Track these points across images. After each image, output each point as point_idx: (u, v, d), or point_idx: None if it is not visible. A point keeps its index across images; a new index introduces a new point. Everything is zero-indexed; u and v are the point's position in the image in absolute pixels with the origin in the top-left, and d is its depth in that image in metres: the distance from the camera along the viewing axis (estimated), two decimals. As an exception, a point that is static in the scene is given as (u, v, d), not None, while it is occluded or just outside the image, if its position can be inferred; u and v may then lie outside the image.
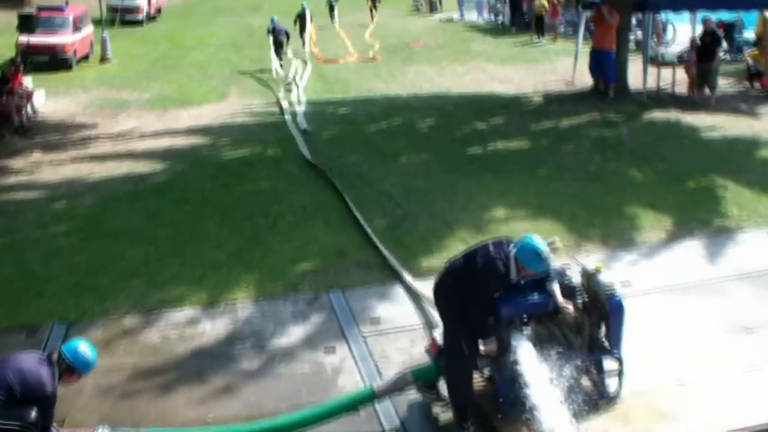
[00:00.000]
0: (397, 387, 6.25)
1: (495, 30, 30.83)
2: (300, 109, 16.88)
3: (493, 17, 34.02)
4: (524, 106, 16.53)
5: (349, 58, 24.32)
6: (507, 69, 21.34)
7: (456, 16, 35.73)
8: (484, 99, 17.29)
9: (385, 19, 35.03)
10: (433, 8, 38.53)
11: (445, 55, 24.09)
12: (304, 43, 25.85)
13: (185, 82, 21.16)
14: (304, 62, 23.20)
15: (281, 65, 22.33)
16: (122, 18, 33.11)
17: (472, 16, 35.12)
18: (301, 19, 26.85)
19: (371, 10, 36.65)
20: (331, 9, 36.65)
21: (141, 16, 35.95)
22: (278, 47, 23.23)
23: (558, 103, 16.45)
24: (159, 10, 39.54)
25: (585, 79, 17.62)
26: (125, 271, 9.02)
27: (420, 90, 18.83)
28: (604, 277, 6.18)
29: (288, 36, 23.84)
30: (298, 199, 11.03)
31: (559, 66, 21.09)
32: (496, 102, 16.84)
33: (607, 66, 16.48)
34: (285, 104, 17.45)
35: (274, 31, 23.53)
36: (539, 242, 5.88)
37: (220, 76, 21.76)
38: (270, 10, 34.56)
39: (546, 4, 27.43)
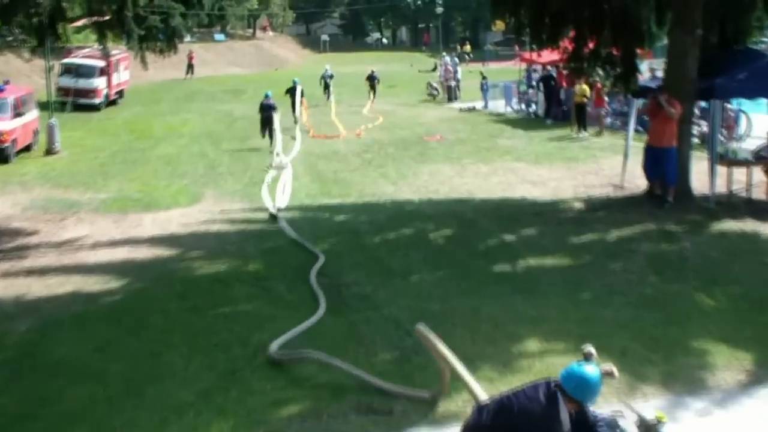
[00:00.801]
0: None
1: (527, 122, 31.54)
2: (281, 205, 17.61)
3: (524, 107, 34.74)
4: (562, 214, 16.67)
5: (341, 136, 27.51)
6: (541, 169, 21.68)
7: (479, 105, 36.64)
8: (513, 205, 17.51)
9: (394, 108, 36.30)
10: (451, 96, 39.86)
11: (467, 152, 24.65)
12: (295, 120, 29.31)
13: (150, 180, 21.50)
14: (293, 137, 26.12)
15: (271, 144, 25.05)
16: (75, 102, 33.63)
17: (498, 105, 35.91)
18: (291, 94, 30.81)
19: (369, 92, 39.81)
20: (326, 87, 39.82)
21: (98, 100, 36.52)
22: (265, 123, 25.71)
23: (604, 210, 16.63)
24: (120, 93, 40.16)
25: (637, 182, 17.88)
26: (64, 416, 8.72)
27: (436, 194, 19.02)
28: (668, 431, 6.04)
29: (275, 110, 26.51)
30: (286, 325, 10.87)
31: (605, 165, 21.45)
32: (528, 209, 17.02)
33: (665, 165, 16.45)
34: (271, 204, 17.75)
35: (263, 107, 25.99)
36: (588, 366, 5.84)
37: (194, 174, 22.13)
38: (255, 96, 35.38)
39: (588, 91, 27.83)
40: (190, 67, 56.90)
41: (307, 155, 24.83)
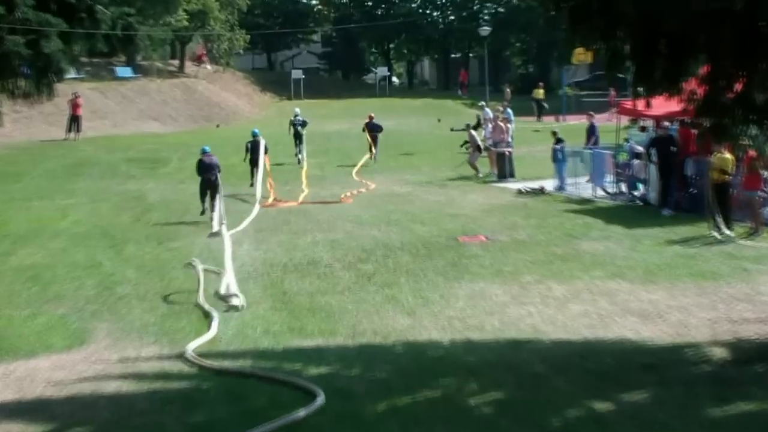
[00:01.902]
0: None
1: (629, 213, 23.98)
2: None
3: (624, 188, 26.32)
4: (692, 367, 12.79)
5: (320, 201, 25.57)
6: (654, 292, 16.18)
7: (550, 185, 28.05)
8: (607, 351, 13.36)
9: (411, 189, 28.97)
10: (504, 170, 30.70)
11: (530, 264, 18.68)
12: (252, 183, 26.60)
13: (1, 308, 15.86)
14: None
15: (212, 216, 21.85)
16: None
17: (582, 185, 27.49)
18: (252, 149, 27.35)
19: (370, 146, 34.92)
20: (297, 137, 34.95)
21: None
22: (206, 189, 23.15)
23: (765, 363, 12.71)
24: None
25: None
26: None
27: (479, 331, 14.28)
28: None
29: (219, 170, 23.44)
30: None
31: (763, 287, 16.14)
32: (633, 358, 12.97)
33: None
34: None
35: (203, 167, 23.38)
36: None
37: (75, 299, 16.23)
38: (181, 170, 30.98)
39: (733, 164, 20.33)
40: (74, 120, 41.12)
41: (270, 266, 18.89)
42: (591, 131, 31.10)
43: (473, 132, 33.37)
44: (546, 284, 16.91)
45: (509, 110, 37.43)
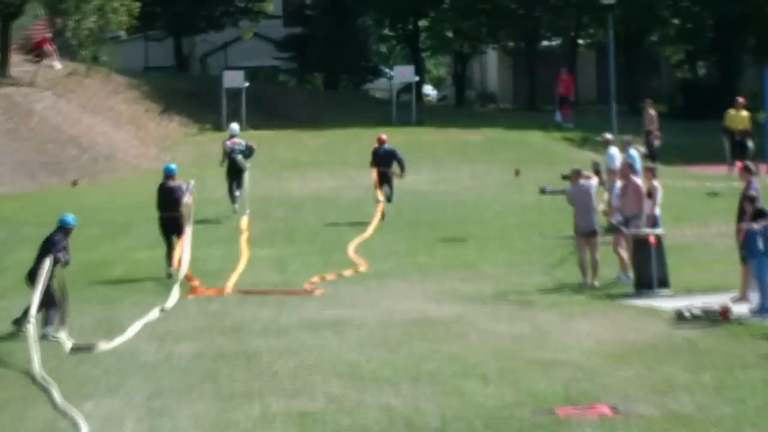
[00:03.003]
0: None
1: None
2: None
3: None
4: None
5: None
6: None
7: (740, 305, 16.70)
8: None
9: (464, 310, 17.01)
10: (647, 274, 18.06)
11: None
12: (171, 265, 19.72)
13: None
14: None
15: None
16: None
17: None
18: (164, 200, 20.59)
19: (377, 188, 24.13)
20: (234, 172, 24.49)
21: None
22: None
23: None
24: None
25: None
26: None
27: None
28: None
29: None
30: None
31: None
32: None
33: None
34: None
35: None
36: None
37: None
38: None
39: None
40: None
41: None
42: None
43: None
44: None
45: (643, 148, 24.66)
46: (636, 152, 22.61)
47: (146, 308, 16.61)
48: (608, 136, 24.31)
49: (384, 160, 24.42)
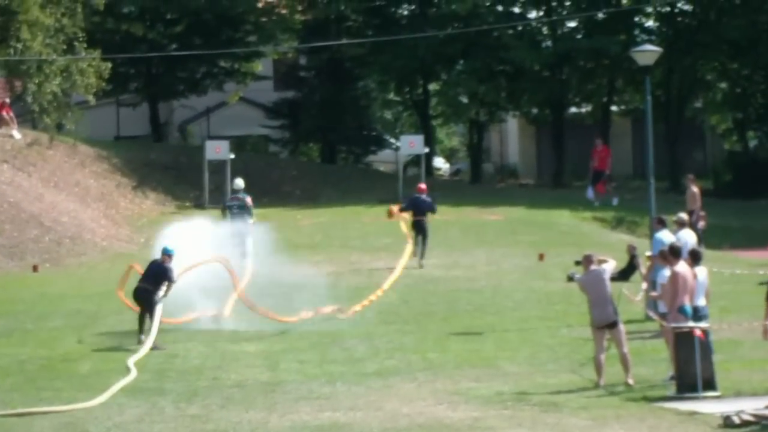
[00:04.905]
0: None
1: None
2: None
3: None
4: None
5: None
6: None
7: None
8: None
9: (480, 414, 15.75)
10: (691, 374, 16.49)
11: None
12: (141, 323, 20.17)
13: None
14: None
15: None
16: None
17: None
18: (153, 274, 20.77)
19: (409, 237, 25.97)
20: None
21: None
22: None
23: None
24: None
25: None
26: None
27: None
28: None
29: None
30: None
31: None
32: None
33: None
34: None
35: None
36: None
37: None
38: None
39: None
40: None
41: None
42: None
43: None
44: None
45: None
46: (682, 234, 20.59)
47: (117, 410, 15.31)
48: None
49: (421, 210, 26.94)
